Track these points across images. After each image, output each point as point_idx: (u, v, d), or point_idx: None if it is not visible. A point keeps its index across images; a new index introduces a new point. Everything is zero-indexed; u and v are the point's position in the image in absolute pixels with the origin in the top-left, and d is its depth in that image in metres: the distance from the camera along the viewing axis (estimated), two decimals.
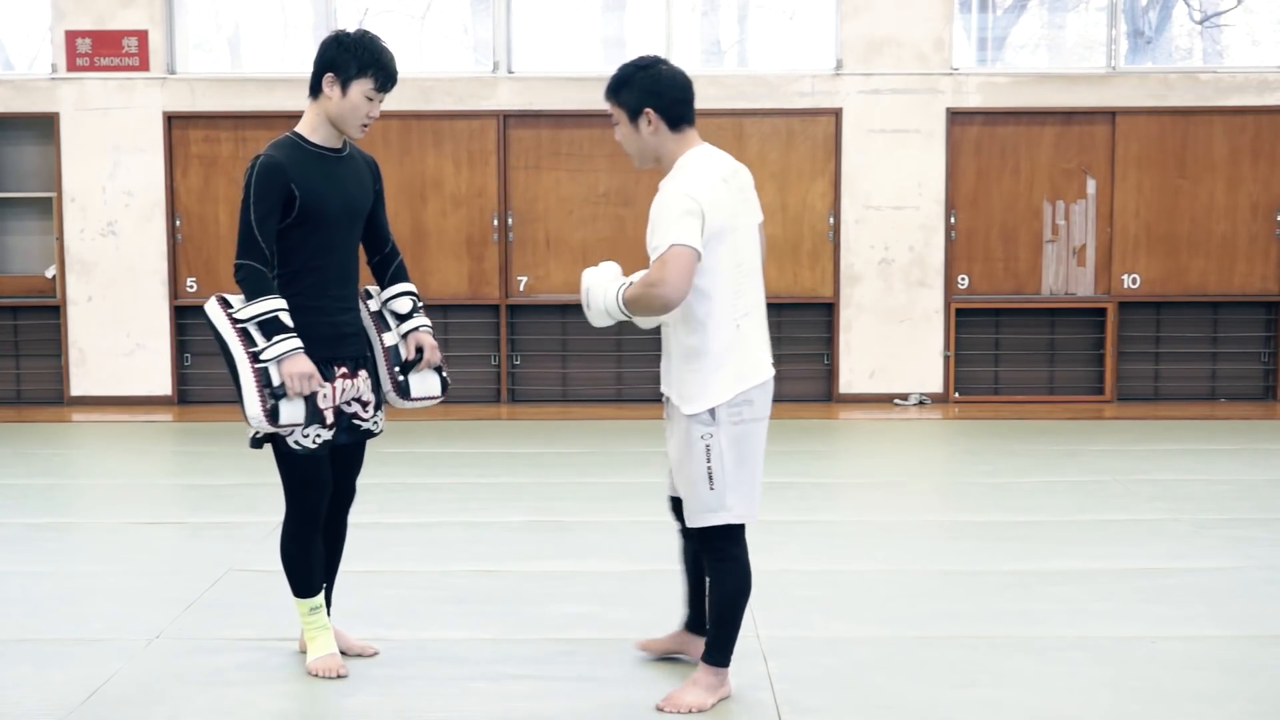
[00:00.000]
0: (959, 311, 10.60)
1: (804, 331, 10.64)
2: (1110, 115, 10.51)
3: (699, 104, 3.99)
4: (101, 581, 5.33)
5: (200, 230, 10.66)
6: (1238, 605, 4.90)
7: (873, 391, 10.66)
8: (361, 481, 4.44)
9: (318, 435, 4.04)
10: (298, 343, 3.89)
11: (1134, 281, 10.60)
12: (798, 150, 10.32)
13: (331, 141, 4.07)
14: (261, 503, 6.76)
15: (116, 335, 10.67)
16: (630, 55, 4.28)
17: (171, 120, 10.56)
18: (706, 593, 4.03)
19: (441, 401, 4.29)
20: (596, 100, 3.91)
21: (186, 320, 10.76)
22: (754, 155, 10.34)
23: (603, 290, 3.80)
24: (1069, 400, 10.67)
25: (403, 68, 4.20)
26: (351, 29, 4.08)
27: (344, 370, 4.08)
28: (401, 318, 4.22)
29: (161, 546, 5.97)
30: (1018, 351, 10.77)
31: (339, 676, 4.11)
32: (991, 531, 6.11)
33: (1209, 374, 10.79)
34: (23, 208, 10.81)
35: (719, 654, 3.87)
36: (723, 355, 3.75)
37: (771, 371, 3.88)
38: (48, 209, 10.73)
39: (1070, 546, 5.79)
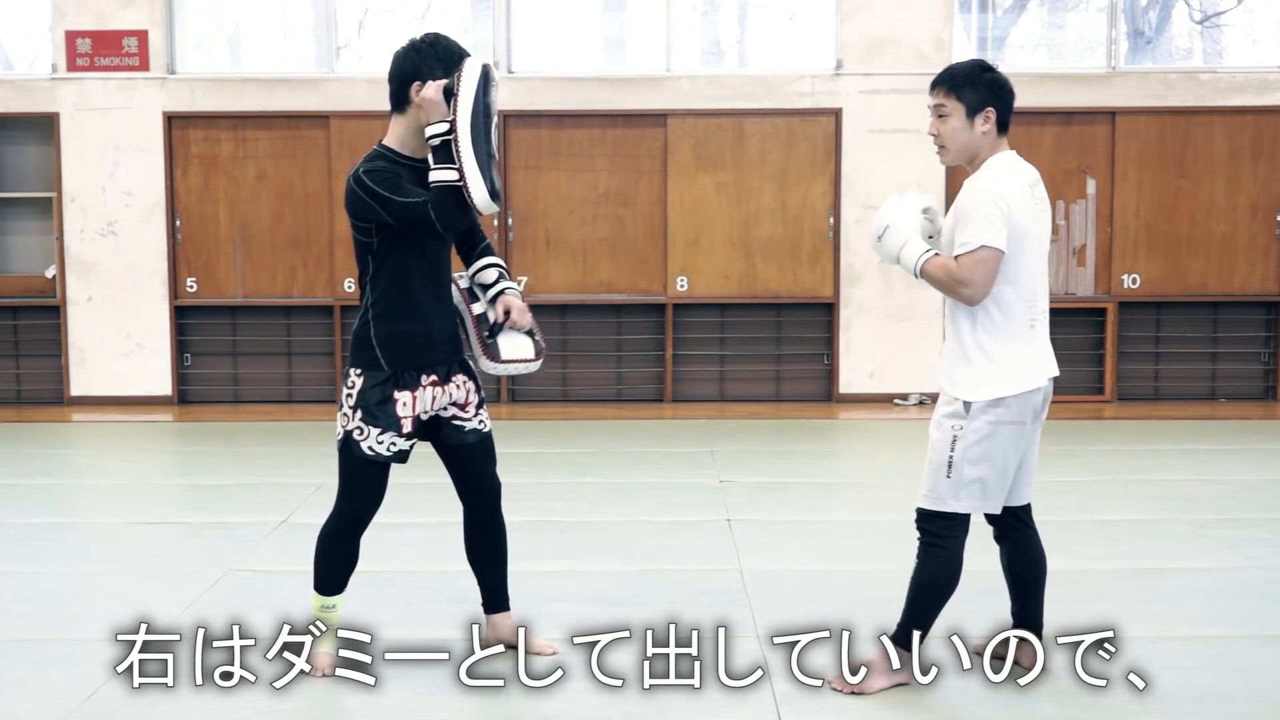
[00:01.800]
0: None
1: (804, 331, 10.65)
2: (1110, 115, 10.51)
3: (698, 104, 4.01)
4: (101, 581, 5.33)
5: (200, 230, 10.66)
6: (1238, 605, 4.90)
7: (873, 391, 10.66)
8: None
9: (392, 443, 4.08)
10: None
11: (1134, 281, 10.60)
12: (798, 150, 10.32)
13: (420, 152, 4.06)
14: (261, 503, 6.76)
15: (116, 335, 10.67)
16: (630, 55, 4.29)
17: (171, 120, 10.56)
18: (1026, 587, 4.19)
19: (538, 365, 4.29)
20: (596, 100, 3.94)
21: (186, 320, 10.76)
22: (754, 155, 10.35)
23: (903, 240, 3.95)
24: (1069, 400, 10.67)
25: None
26: (418, 35, 4.10)
27: (433, 378, 4.11)
28: (488, 287, 4.25)
29: (161, 546, 5.97)
30: None
31: (324, 675, 4.13)
32: (991, 531, 6.10)
33: (1209, 374, 10.79)
34: (23, 208, 10.82)
35: (901, 631, 4.01)
36: (1006, 355, 3.92)
37: (1050, 375, 4.05)
38: (48, 209, 10.74)
39: (1070, 546, 5.78)
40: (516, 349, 4.22)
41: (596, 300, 10.59)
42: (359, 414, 4.08)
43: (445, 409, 4.18)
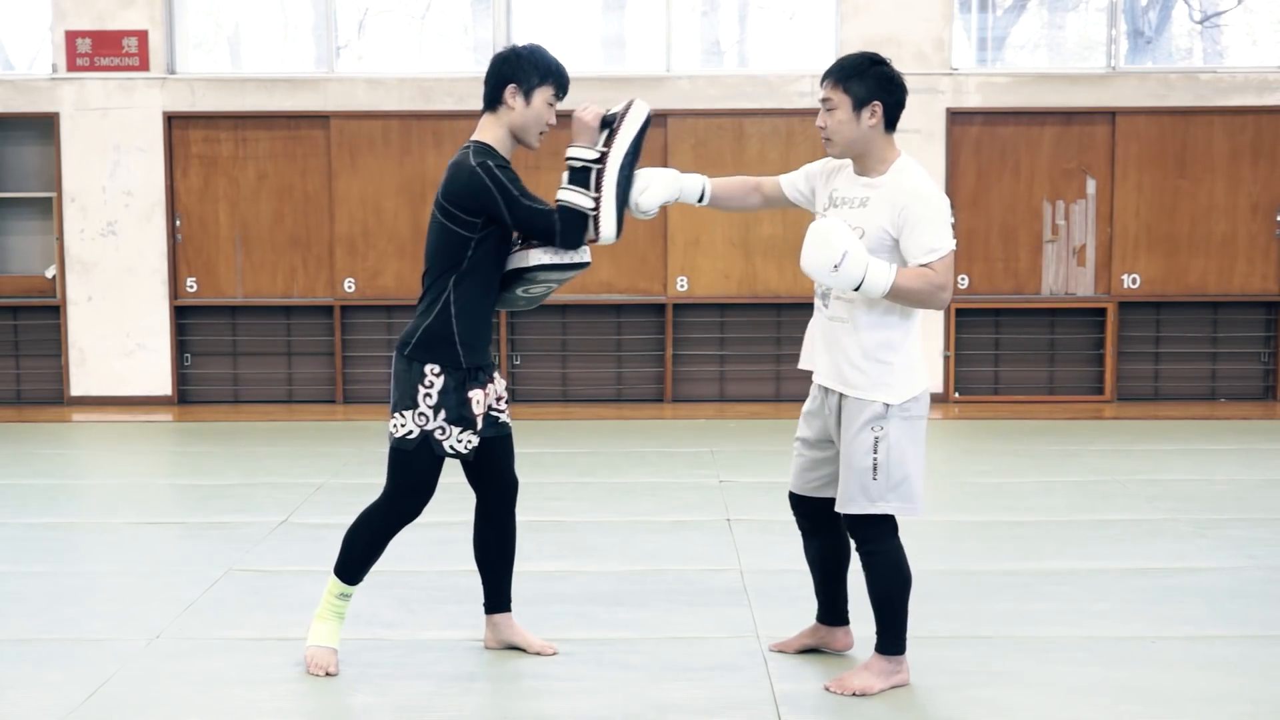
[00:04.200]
0: (959, 311, 10.60)
1: (803, 331, 10.61)
2: (1110, 115, 10.51)
3: (698, 104, 4.06)
4: (101, 581, 5.33)
5: (200, 230, 10.66)
6: (1238, 605, 4.90)
7: None
8: (361, 481, 4.45)
9: (470, 441, 4.09)
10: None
11: (1134, 281, 10.60)
12: (798, 150, 10.31)
13: (510, 155, 4.16)
14: (261, 503, 6.76)
15: (116, 335, 10.67)
16: (630, 55, 4.34)
17: (171, 120, 10.56)
18: (836, 583, 4.23)
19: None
20: (597, 100, 3.91)
21: (186, 320, 10.76)
22: (754, 155, 10.35)
23: (864, 263, 3.77)
24: (1069, 400, 10.67)
25: (403, 68, 4.23)
26: (519, 44, 4.20)
27: (491, 376, 4.17)
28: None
29: (161, 546, 5.97)
30: (1018, 351, 10.77)
31: (326, 674, 4.12)
32: (991, 531, 6.11)
33: (1209, 374, 10.79)
34: (23, 208, 10.82)
35: (887, 641, 3.99)
36: (913, 353, 3.96)
37: None
38: (48, 209, 10.74)
39: (1070, 546, 5.79)
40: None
41: (596, 300, 10.59)
42: (442, 414, 4.04)
43: (496, 402, 4.22)
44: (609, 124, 4.10)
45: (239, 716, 3.84)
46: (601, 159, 4.04)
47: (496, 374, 4.23)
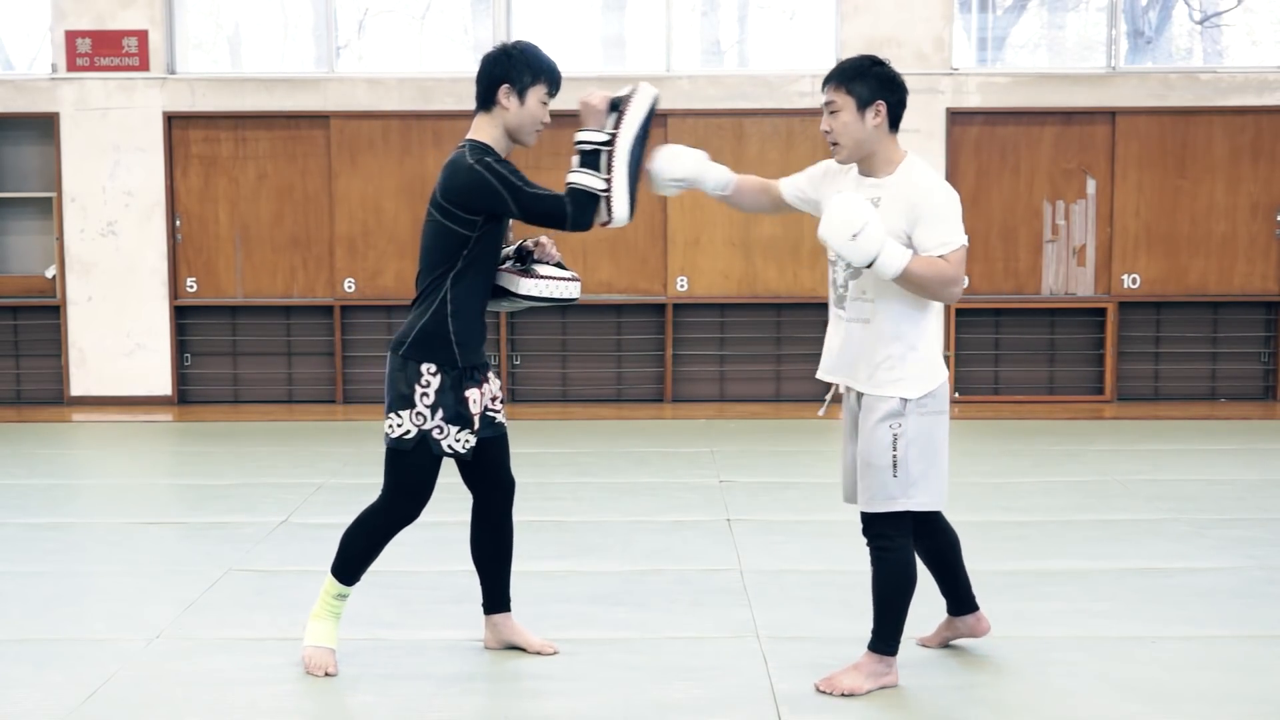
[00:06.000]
0: (959, 311, 10.60)
1: (804, 331, 10.64)
2: (1110, 115, 10.51)
3: (698, 104, 4.07)
4: (101, 581, 5.33)
5: (200, 230, 10.66)
6: (1238, 605, 4.90)
7: None
8: (361, 481, 4.44)
9: (467, 440, 4.07)
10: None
11: (1134, 281, 10.60)
12: (798, 150, 10.32)
13: (507, 154, 4.17)
14: (261, 503, 6.76)
15: (116, 335, 10.67)
16: (630, 55, 4.36)
17: (171, 120, 10.56)
18: (953, 574, 4.25)
19: (576, 286, 4.28)
20: None
21: (186, 320, 10.76)
22: (754, 155, 10.35)
23: (880, 240, 3.76)
24: (1069, 400, 10.67)
25: (403, 68, 4.23)
26: (510, 41, 4.21)
27: (487, 376, 4.17)
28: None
29: (161, 546, 5.97)
30: (1018, 351, 10.77)
31: (326, 675, 4.12)
32: (991, 531, 6.11)
33: (1209, 374, 10.79)
34: (23, 208, 10.82)
35: (881, 641, 3.99)
36: (931, 349, 3.95)
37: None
38: (48, 209, 10.74)
39: (1070, 546, 5.79)
40: (552, 270, 4.24)
41: (596, 300, 10.59)
42: (439, 413, 4.03)
43: (492, 401, 4.21)
44: (616, 107, 4.12)
45: (239, 716, 3.84)
46: (611, 141, 4.07)
47: (492, 374, 4.23)
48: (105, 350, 10.68)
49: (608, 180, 4.05)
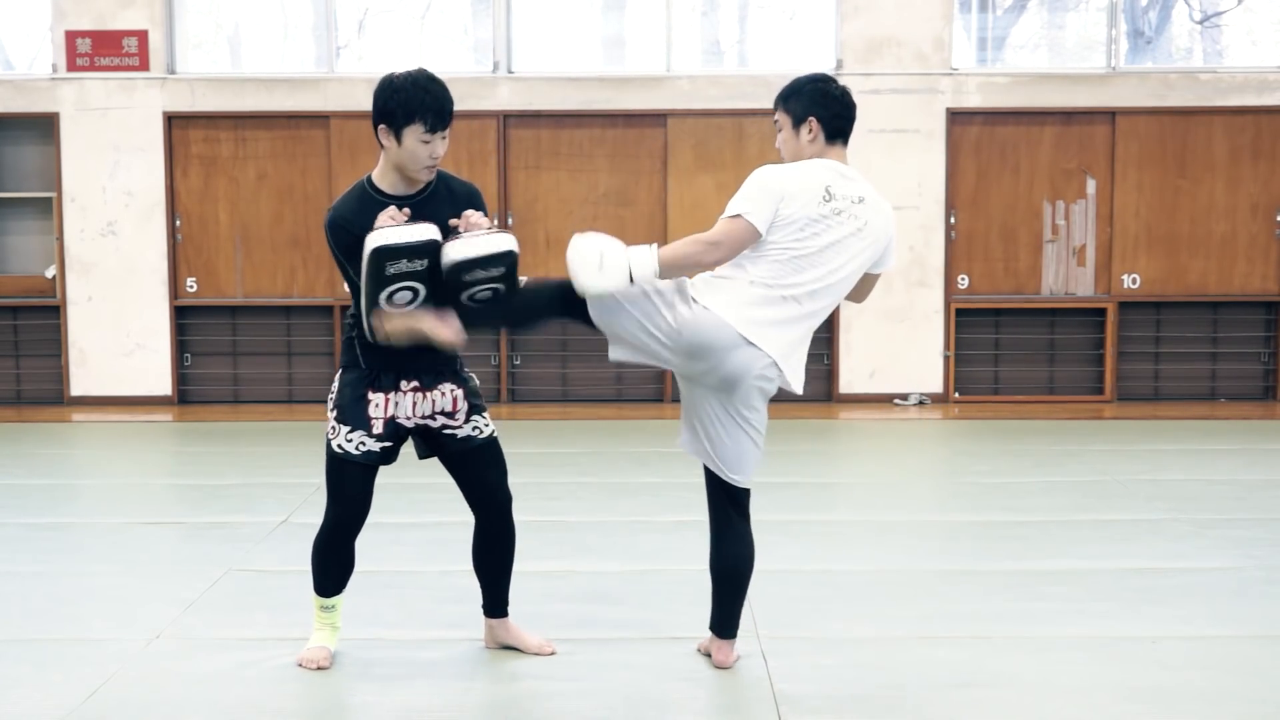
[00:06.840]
0: (959, 311, 10.60)
1: None
2: (1110, 115, 10.52)
3: (698, 104, 4.05)
4: (101, 581, 5.33)
5: (200, 230, 10.66)
6: (1238, 605, 4.90)
7: (873, 391, 10.66)
8: None
9: (360, 443, 4.05)
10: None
11: (1134, 281, 10.60)
12: None
13: (400, 187, 4.02)
14: (261, 503, 6.76)
15: (116, 335, 10.67)
16: (630, 55, 4.33)
17: (171, 120, 10.56)
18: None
19: (505, 237, 3.98)
20: (596, 100, 3.95)
21: (186, 320, 10.76)
22: (754, 155, 10.34)
23: (623, 252, 3.98)
24: (1069, 400, 10.67)
25: (402, 68, 4.19)
26: (399, 71, 4.04)
27: (414, 385, 4.08)
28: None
29: (161, 546, 5.97)
30: (1018, 351, 10.77)
31: (319, 668, 4.15)
32: (991, 531, 6.11)
33: (1209, 374, 10.79)
34: (23, 208, 10.82)
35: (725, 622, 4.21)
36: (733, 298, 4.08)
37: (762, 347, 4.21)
38: (48, 209, 10.74)
39: (1070, 546, 5.79)
40: (476, 231, 3.96)
41: None
42: (335, 412, 4.08)
43: (434, 418, 4.12)
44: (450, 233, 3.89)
45: (239, 716, 3.84)
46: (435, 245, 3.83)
47: (446, 386, 4.12)
48: (105, 350, 10.68)
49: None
